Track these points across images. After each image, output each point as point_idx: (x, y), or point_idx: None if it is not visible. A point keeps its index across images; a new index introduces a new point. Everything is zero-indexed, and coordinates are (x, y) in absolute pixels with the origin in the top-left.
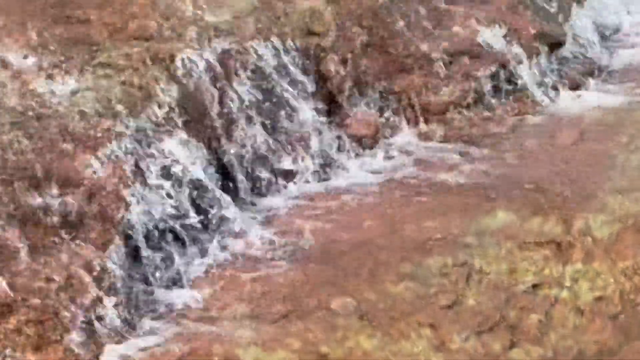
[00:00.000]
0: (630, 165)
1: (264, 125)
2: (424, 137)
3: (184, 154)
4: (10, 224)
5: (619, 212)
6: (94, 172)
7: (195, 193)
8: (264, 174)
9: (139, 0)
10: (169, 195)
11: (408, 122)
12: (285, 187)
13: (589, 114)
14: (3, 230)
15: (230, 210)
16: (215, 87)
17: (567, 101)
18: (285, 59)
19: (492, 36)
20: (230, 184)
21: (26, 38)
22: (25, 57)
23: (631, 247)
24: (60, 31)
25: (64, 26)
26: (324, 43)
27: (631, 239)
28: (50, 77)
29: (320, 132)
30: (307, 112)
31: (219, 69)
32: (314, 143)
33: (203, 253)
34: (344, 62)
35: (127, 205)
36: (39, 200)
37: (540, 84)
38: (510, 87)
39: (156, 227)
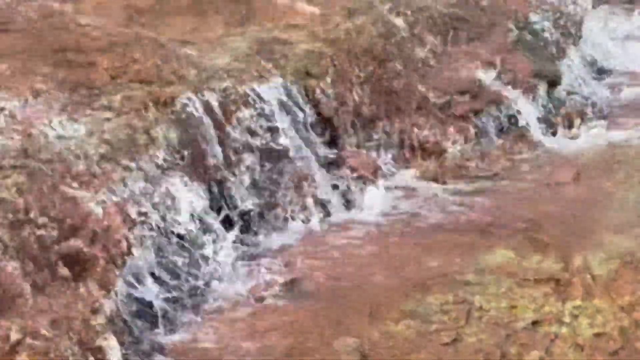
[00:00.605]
0: (627, 202)
1: (264, 164)
2: (423, 175)
3: (185, 194)
4: (15, 265)
5: (617, 249)
6: (97, 214)
7: (197, 232)
8: (265, 213)
9: (139, 44)
10: (171, 234)
11: (407, 160)
12: (286, 225)
13: (586, 151)
14: (8, 271)
15: (232, 248)
16: (215, 128)
17: (564, 139)
18: (285, 100)
19: (489, 76)
20: (232, 223)
21: (29, 82)
22: (28, 101)
23: (630, 283)
24: (63, 75)
25: (66, 70)
26: (323, 84)
27: (630, 276)
28: (52, 120)
29: (319, 171)
30: (307, 151)
31: (218, 110)
32: (314, 182)
33: (206, 291)
34: (342, 103)
35: (130, 246)
36: (43, 242)
37: (537, 122)
38: (507, 126)
39: (159, 266)
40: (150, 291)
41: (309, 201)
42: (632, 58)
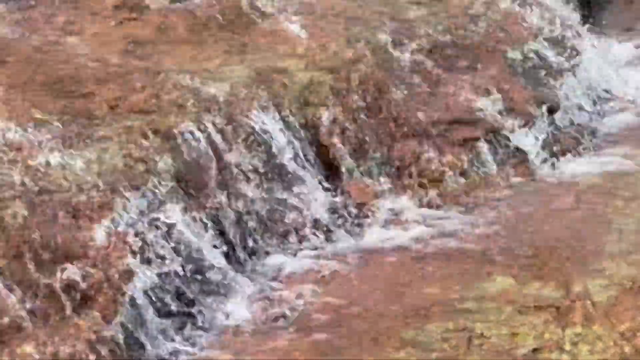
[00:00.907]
0: (626, 228)
1: (264, 193)
2: (422, 203)
3: (185, 223)
4: (15, 296)
5: (617, 276)
6: (97, 244)
7: (198, 261)
8: (265, 241)
9: (138, 74)
10: (172, 264)
11: (406, 188)
12: (286, 252)
13: (584, 178)
14: (8, 301)
15: (233, 277)
16: (214, 157)
17: (562, 166)
18: (284, 129)
19: (487, 103)
20: (232, 251)
21: (29, 113)
22: (28, 131)
23: (630, 310)
24: (62, 106)
25: (65, 101)
26: (322, 113)
27: (630, 302)
28: (52, 151)
29: (319, 199)
30: (306, 179)
31: (218, 139)
32: (314, 209)
33: (207, 320)
34: (342, 131)
35: (131, 275)
36: (43, 272)
37: (535, 149)
38: (505, 153)
39: (160, 297)
40: (152, 318)
41: (309, 228)
42: (630, 85)
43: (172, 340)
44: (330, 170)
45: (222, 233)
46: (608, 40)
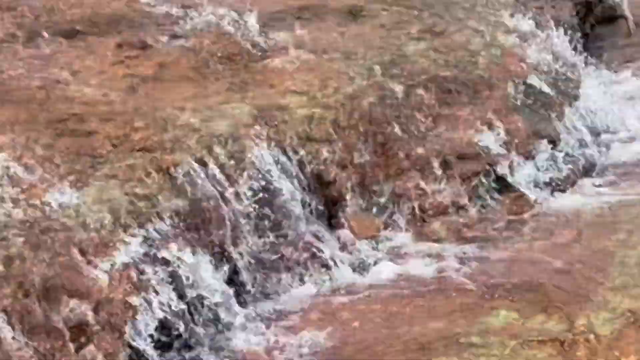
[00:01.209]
0: (629, 261)
1: (267, 229)
2: (424, 237)
3: (189, 260)
4: (19, 335)
5: (620, 309)
6: (100, 282)
7: (203, 297)
8: (268, 277)
9: (141, 112)
10: (176, 301)
11: (407, 223)
12: (290, 288)
13: (586, 211)
14: (12, 341)
15: (237, 313)
16: (217, 194)
17: (563, 199)
18: (286, 165)
19: (487, 138)
20: (235, 289)
21: (32, 152)
22: (32, 170)
23: (634, 343)
24: (65, 144)
25: (68, 139)
26: (323, 148)
27: (634, 336)
28: (56, 189)
29: (322, 235)
30: (309, 215)
31: (220, 177)
32: (317, 245)
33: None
34: (343, 166)
35: (135, 313)
36: (46, 311)
37: (536, 183)
38: (506, 187)
39: (163, 336)
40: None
41: (312, 264)
42: (631, 118)
43: None
44: (332, 206)
45: (225, 271)
46: (608, 74)
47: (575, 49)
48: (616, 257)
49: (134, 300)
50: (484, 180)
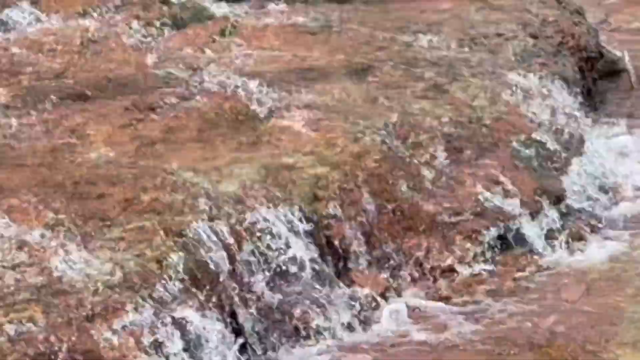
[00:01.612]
0: (638, 317)
1: (276, 287)
2: (431, 295)
3: (199, 320)
4: None
5: None
6: (112, 344)
7: (212, 357)
8: (278, 335)
9: (149, 175)
10: None
11: (415, 280)
12: (297, 346)
13: (594, 266)
14: None
15: None
16: (226, 255)
17: (571, 255)
18: (293, 223)
19: (493, 194)
20: (246, 347)
21: (43, 216)
22: (42, 234)
23: None
24: (76, 208)
25: (79, 202)
26: (330, 207)
27: None
28: (66, 253)
29: (330, 292)
30: (317, 273)
31: (229, 238)
32: (324, 303)
33: None
34: (350, 224)
35: None
36: None
37: (544, 239)
38: (513, 243)
39: None
40: None
41: (320, 322)
42: (635, 173)
43: None
44: (340, 264)
45: (235, 329)
46: (611, 128)
47: (578, 103)
48: (626, 313)
49: None
50: (490, 236)
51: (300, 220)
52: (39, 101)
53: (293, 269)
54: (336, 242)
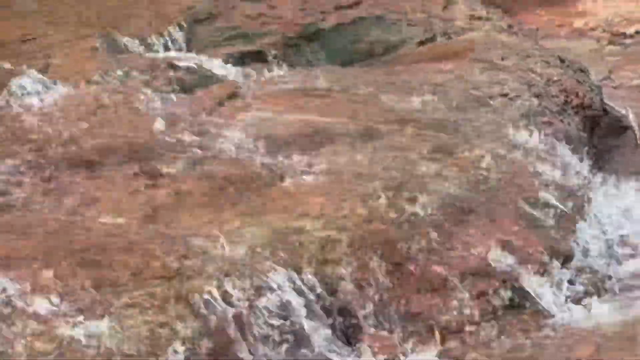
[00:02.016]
0: None
1: (285, 351)
2: (443, 355)
3: None
4: None
5: None
6: None
7: None
8: None
9: (159, 240)
10: None
11: (426, 341)
12: None
13: (603, 326)
14: None
15: None
16: (236, 320)
17: (580, 314)
18: (302, 287)
19: (501, 254)
20: None
21: (54, 282)
22: (53, 301)
23: None
24: (86, 275)
25: (88, 270)
26: (340, 270)
27: None
28: (77, 321)
29: (339, 354)
30: (327, 336)
31: (238, 302)
32: None
33: None
34: (359, 286)
35: None
36: None
37: (552, 299)
38: (522, 303)
39: None
40: None
41: None
42: None
43: None
44: (350, 326)
45: None
46: (618, 186)
47: (584, 162)
48: None
49: None
50: (499, 296)
51: (309, 283)
52: (48, 169)
53: (302, 332)
54: (345, 305)
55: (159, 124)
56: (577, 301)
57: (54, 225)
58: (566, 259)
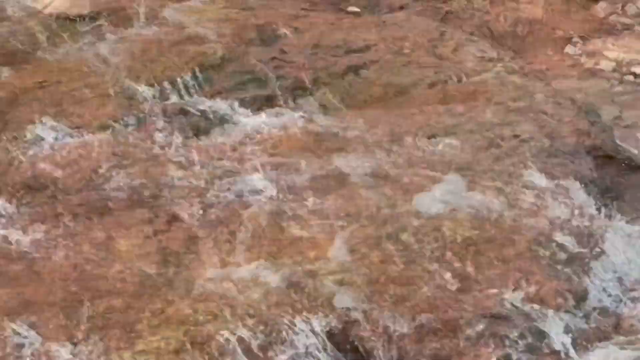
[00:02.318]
0: None
1: None
2: None
3: None
4: None
5: None
6: None
7: None
8: None
9: (174, 285)
10: None
11: None
12: None
13: None
14: None
15: None
16: None
17: (596, 355)
18: (317, 332)
19: (516, 296)
20: None
21: (69, 331)
22: (69, 350)
23: None
24: (101, 321)
25: (104, 316)
26: (354, 313)
27: None
28: None
29: None
30: None
31: (255, 348)
32: None
33: None
34: (374, 330)
35: None
36: None
37: (568, 339)
38: (538, 345)
39: None
40: None
41: None
42: None
43: None
44: None
45: None
46: (632, 226)
47: (597, 202)
48: None
49: None
50: (515, 338)
51: (324, 326)
52: (63, 215)
53: None
54: (360, 349)
55: (173, 170)
56: (591, 342)
57: (69, 273)
58: (580, 299)
